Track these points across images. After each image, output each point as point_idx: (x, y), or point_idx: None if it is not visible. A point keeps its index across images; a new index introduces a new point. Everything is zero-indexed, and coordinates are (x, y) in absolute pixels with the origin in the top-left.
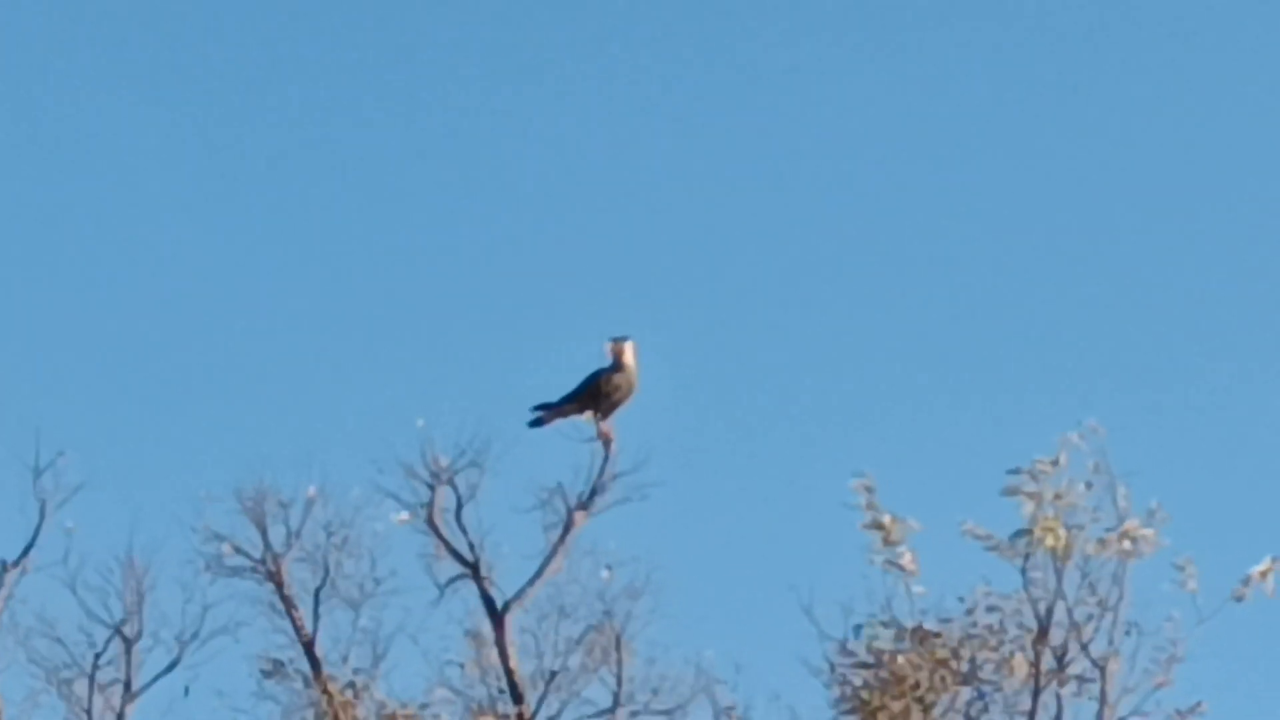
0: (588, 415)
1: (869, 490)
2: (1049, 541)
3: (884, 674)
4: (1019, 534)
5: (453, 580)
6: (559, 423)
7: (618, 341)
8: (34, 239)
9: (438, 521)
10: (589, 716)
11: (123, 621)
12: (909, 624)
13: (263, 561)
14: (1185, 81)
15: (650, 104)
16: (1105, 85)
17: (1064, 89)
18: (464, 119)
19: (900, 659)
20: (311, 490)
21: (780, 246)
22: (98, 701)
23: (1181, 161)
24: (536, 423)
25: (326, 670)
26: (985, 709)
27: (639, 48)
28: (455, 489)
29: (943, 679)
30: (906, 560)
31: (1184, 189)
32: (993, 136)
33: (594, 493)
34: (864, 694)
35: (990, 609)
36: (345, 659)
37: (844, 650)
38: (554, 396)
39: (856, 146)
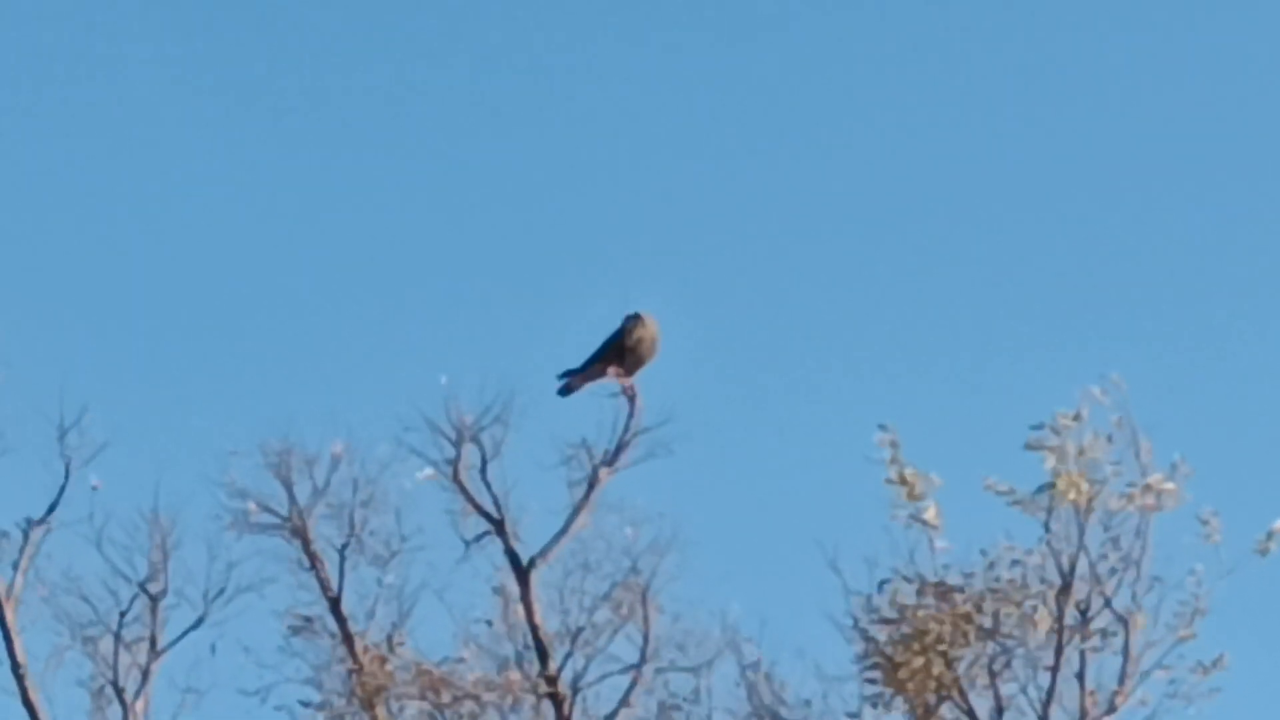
0: (614, 370)
1: (893, 445)
2: (1071, 496)
3: (907, 629)
4: (1042, 488)
5: (478, 537)
6: (588, 386)
7: (631, 319)
8: (60, 197)
9: (463, 478)
10: (615, 672)
11: (148, 579)
12: (932, 579)
13: (288, 518)
14: (1199, 37)
15: (674, 59)
16: (1116, 46)
17: (1076, 52)
18: (488, 77)
19: (923, 614)
20: (337, 447)
21: (802, 201)
22: (123, 659)
23: (1201, 111)
24: (565, 390)
25: (353, 627)
26: (1008, 664)
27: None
28: (480, 446)
29: (965, 634)
30: (930, 515)
31: (1207, 147)
32: (1012, 93)
33: (619, 449)
34: (887, 649)
35: (1013, 563)
36: (371, 616)
37: (867, 605)
38: (576, 352)
39: (880, 100)
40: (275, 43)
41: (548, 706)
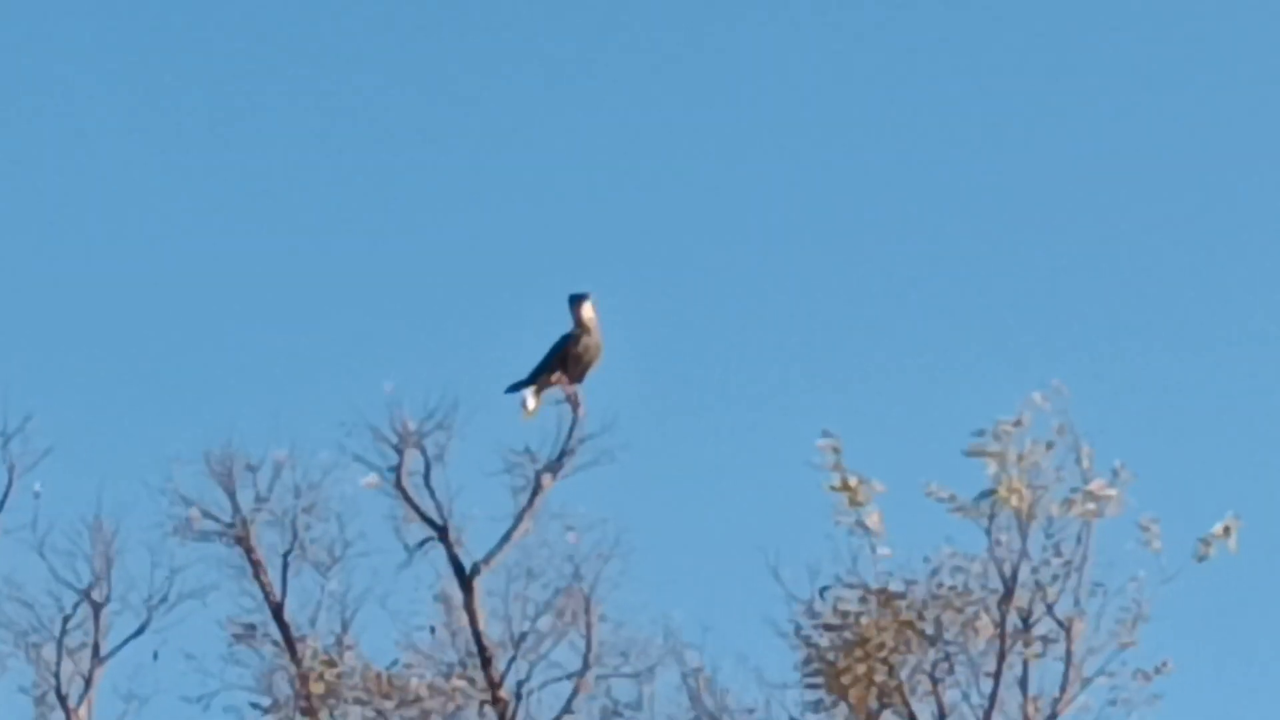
0: (558, 377)
1: (835, 451)
2: (1013, 502)
3: (849, 635)
4: (983, 495)
5: (421, 543)
6: (545, 394)
7: (576, 299)
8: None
9: (406, 485)
10: (558, 679)
11: (91, 585)
12: (874, 585)
13: (231, 525)
14: (1153, 56)
15: (609, 68)
16: (1069, 63)
17: (1025, 70)
18: (429, 94)
19: (865, 620)
20: (280, 454)
21: (745, 208)
22: (66, 666)
23: (1141, 126)
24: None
25: (296, 634)
26: (950, 670)
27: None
28: (424, 452)
29: (908, 640)
30: (872, 521)
31: (1146, 152)
32: (956, 104)
33: (562, 456)
34: (829, 655)
35: (955, 570)
36: (314, 622)
37: (810, 612)
38: (520, 359)
39: (820, 106)
40: (217, 51)
41: (491, 713)
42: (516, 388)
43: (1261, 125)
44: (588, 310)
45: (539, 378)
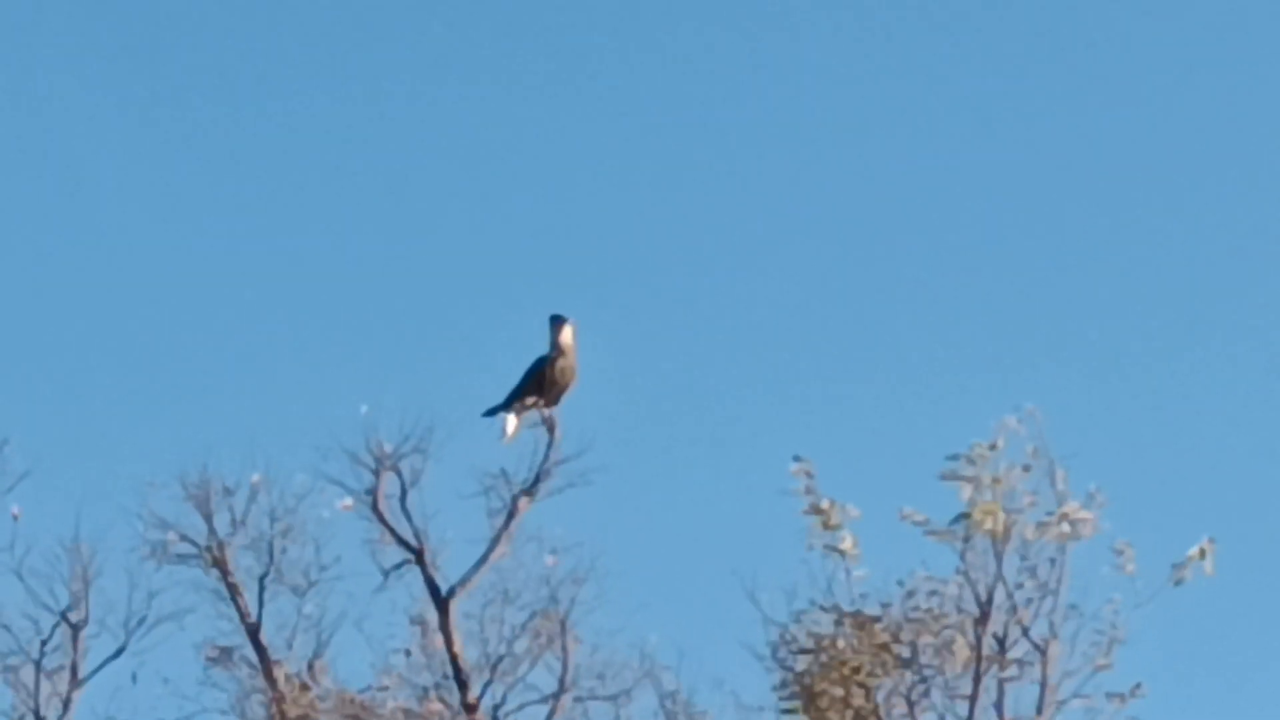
0: (533, 401)
1: (809, 475)
2: (987, 525)
3: (825, 658)
4: (958, 518)
5: (397, 566)
6: (519, 417)
7: (557, 320)
8: None
9: (382, 508)
10: (534, 701)
11: (68, 608)
12: (849, 609)
13: (208, 549)
14: (1130, 68)
15: (588, 86)
16: (1049, 71)
17: (1007, 75)
18: (403, 119)
19: (841, 643)
20: (256, 477)
21: (719, 232)
22: (44, 688)
23: (1117, 144)
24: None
25: (272, 657)
26: (926, 693)
27: (577, 35)
28: (399, 475)
29: (883, 663)
30: (846, 545)
31: (1121, 172)
32: (931, 114)
33: (538, 479)
34: (805, 678)
35: (930, 593)
36: (290, 646)
37: (785, 635)
38: (496, 382)
39: (794, 128)
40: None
41: None
42: (493, 412)
43: (1234, 148)
44: (567, 335)
45: (515, 402)
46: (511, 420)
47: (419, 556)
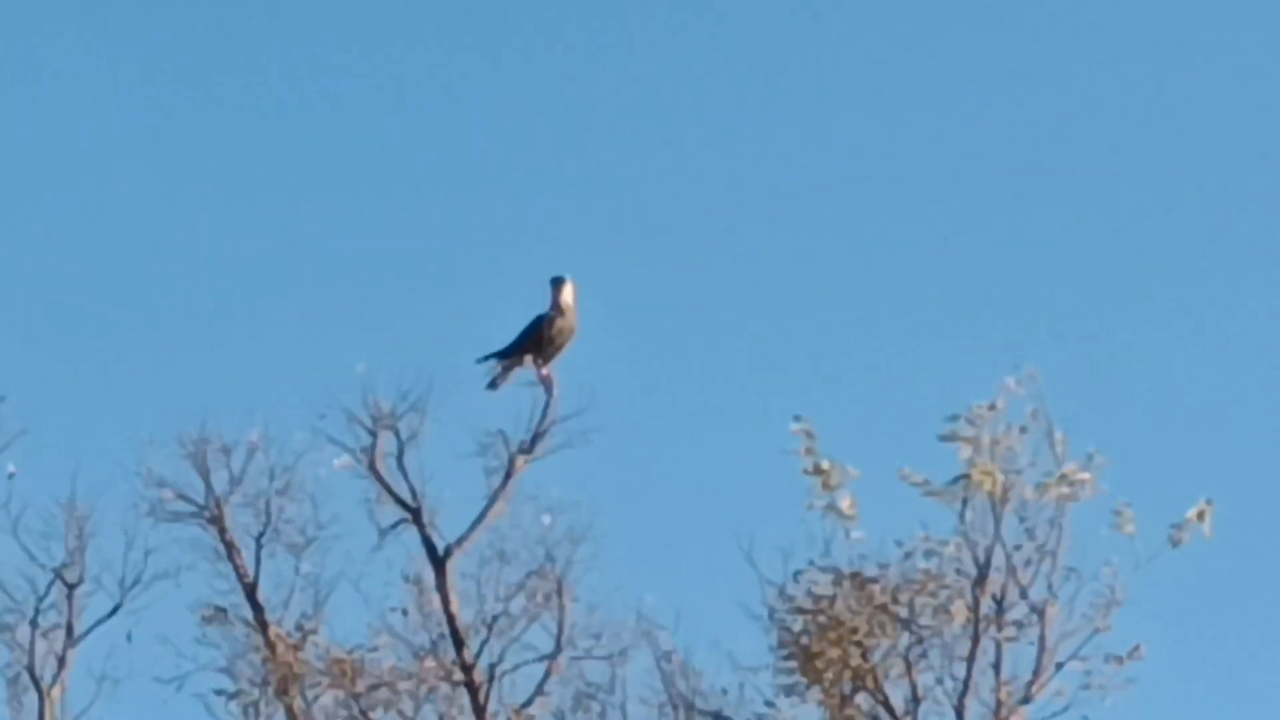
0: (529, 360)
1: (808, 435)
2: (986, 487)
3: (823, 619)
4: (957, 479)
5: (394, 525)
6: (513, 374)
7: (558, 281)
8: None
9: (379, 467)
10: (530, 661)
11: (64, 566)
12: (848, 569)
13: (205, 507)
14: (1133, 33)
15: (590, 41)
16: (1044, 42)
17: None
18: (404, 73)
19: (839, 604)
20: (253, 436)
21: (721, 189)
22: (40, 646)
23: (1116, 104)
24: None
25: (269, 616)
26: (924, 654)
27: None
28: (397, 434)
29: (881, 624)
30: (845, 506)
31: (1123, 131)
32: (932, 78)
33: (535, 438)
34: (803, 639)
35: (929, 554)
36: (287, 605)
37: (783, 596)
38: (495, 340)
39: (799, 91)
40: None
41: (463, 694)
42: (489, 358)
43: (1243, 111)
44: (567, 294)
45: (510, 356)
46: (499, 369)
47: (416, 515)
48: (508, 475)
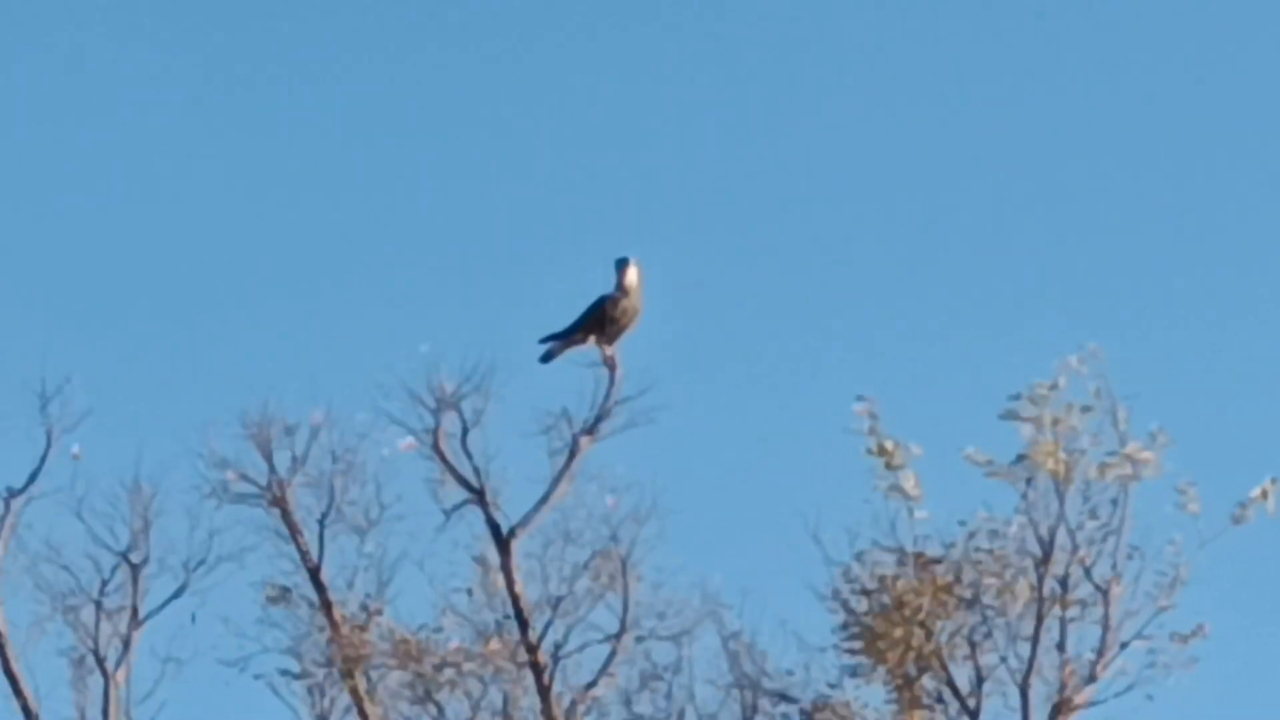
0: (593, 340)
1: (872, 415)
2: (1049, 466)
3: (887, 599)
4: (1019, 458)
5: (458, 506)
6: (569, 352)
7: (622, 263)
8: (40, 174)
9: (443, 447)
10: (595, 641)
11: (129, 548)
12: (911, 549)
13: (268, 488)
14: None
15: (659, 35)
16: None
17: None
18: (468, 44)
19: (903, 584)
20: (317, 416)
21: (783, 169)
22: (104, 628)
23: (1189, 80)
24: (547, 357)
25: (333, 597)
26: (988, 634)
27: None
28: (461, 414)
29: (945, 604)
30: (909, 485)
31: (1187, 110)
32: (987, 74)
33: (599, 418)
34: (867, 620)
35: (992, 534)
36: (350, 586)
37: (848, 576)
38: (558, 322)
39: (862, 65)
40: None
41: (528, 675)
42: (551, 339)
43: None
44: (632, 276)
45: (573, 335)
46: (560, 348)
47: (480, 496)
48: (571, 455)
